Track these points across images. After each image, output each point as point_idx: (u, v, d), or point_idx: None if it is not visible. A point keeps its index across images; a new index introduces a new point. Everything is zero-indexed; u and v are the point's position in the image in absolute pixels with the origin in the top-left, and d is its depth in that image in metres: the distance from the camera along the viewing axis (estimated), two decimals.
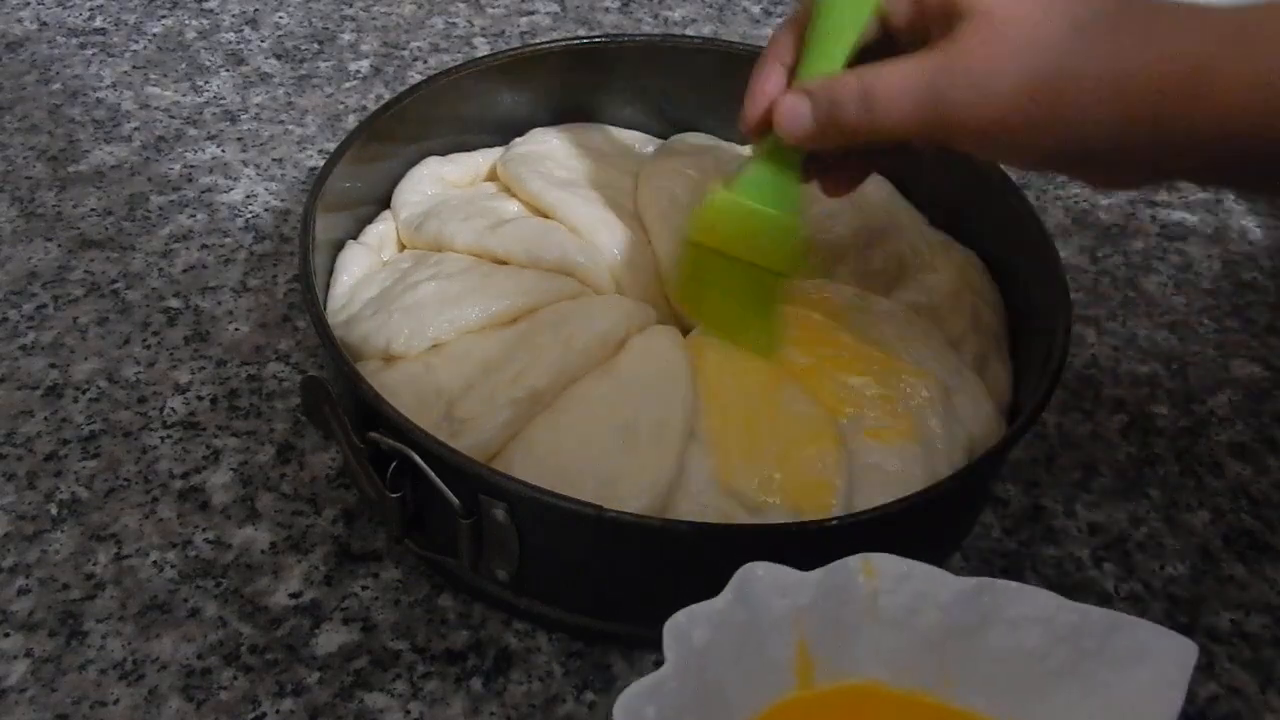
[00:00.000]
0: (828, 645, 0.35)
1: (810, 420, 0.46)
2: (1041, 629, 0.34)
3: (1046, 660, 0.34)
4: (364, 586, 0.47)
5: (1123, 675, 0.33)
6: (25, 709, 0.43)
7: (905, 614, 0.35)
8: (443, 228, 0.54)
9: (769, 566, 0.34)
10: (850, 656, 0.35)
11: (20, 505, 0.49)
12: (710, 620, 0.33)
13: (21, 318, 0.57)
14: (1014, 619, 0.34)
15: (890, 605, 0.35)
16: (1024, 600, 0.34)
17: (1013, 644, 0.35)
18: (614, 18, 0.83)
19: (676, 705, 0.32)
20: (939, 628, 0.35)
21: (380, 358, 0.49)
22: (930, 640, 0.35)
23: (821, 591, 0.34)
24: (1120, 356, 0.60)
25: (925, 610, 0.35)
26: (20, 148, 0.67)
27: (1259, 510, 0.54)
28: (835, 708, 0.35)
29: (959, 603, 0.35)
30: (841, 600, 0.35)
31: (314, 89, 0.74)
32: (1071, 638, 0.34)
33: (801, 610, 0.34)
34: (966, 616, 0.35)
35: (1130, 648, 0.34)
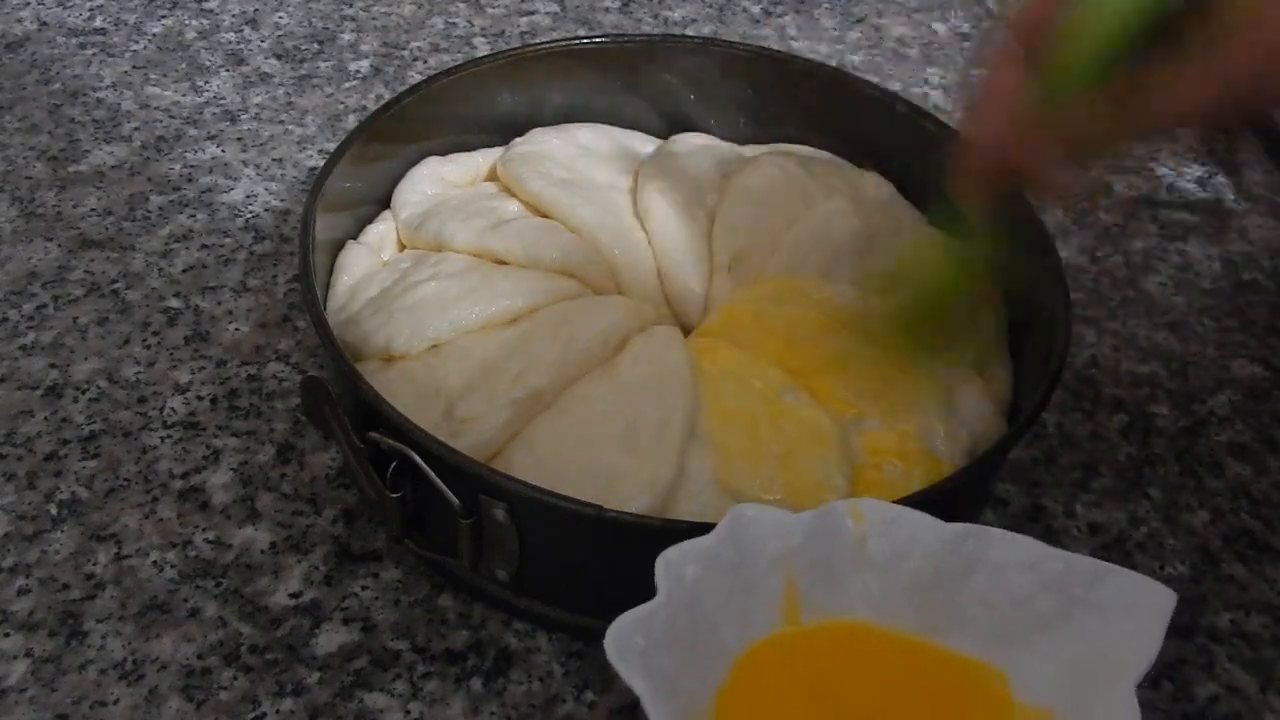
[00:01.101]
0: (816, 586, 0.35)
1: (811, 420, 0.46)
2: (1027, 575, 0.35)
3: (1031, 606, 0.35)
4: (364, 586, 0.47)
5: (1105, 621, 0.34)
6: (25, 709, 0.43)
7: (893, 558, 0.35)
8: (443, 228, 0.54)
9: (759, 508, 0.35)
10: (838, 598, 0.36)
11: (20, 505, 0.49)
12: (701, 557, 0.34)
13: (21, 318, 0.57)
14: (1000, 564, 0.35)
15: (878, 549, 0.35)
16: (1010, 547, 0.35)
17: (998, 589, 0.35)
18: (614, 18, 0.83)
19: (666, 636, 0.32)
20: (926, 571, 0.35)
21: (380, 358, 0.49)
22: (917, 584, 0.35)
23: (810, 534, 0.35)
24: (1120, 356, 0.60)
25: (912, 554, 0.35)
26: (20, 148, 0.67)
27: (1259, 510, 0.54)
28: (822, 644, 0.35)
29: (946, 548, 0.35)
30: (830, 543, 0.35)
31: (314, 89, 0.74)
32: (1056, 584, 0.35)
33: (791, 551, 0.35)
34: (953, 561, 0.35)
35: (1112, 595, 0.34)
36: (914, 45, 0.83)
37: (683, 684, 0.32)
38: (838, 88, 0.61)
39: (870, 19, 0.85)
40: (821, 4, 0.86)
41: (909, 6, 0.87)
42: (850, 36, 0.83)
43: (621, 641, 0.31)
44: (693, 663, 0.33)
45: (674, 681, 0.32)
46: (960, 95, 0.40)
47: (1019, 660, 0.35)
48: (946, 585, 0.35)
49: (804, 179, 0.57)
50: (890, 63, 0.81)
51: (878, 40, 0.83)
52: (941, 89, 0.79)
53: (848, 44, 0.83)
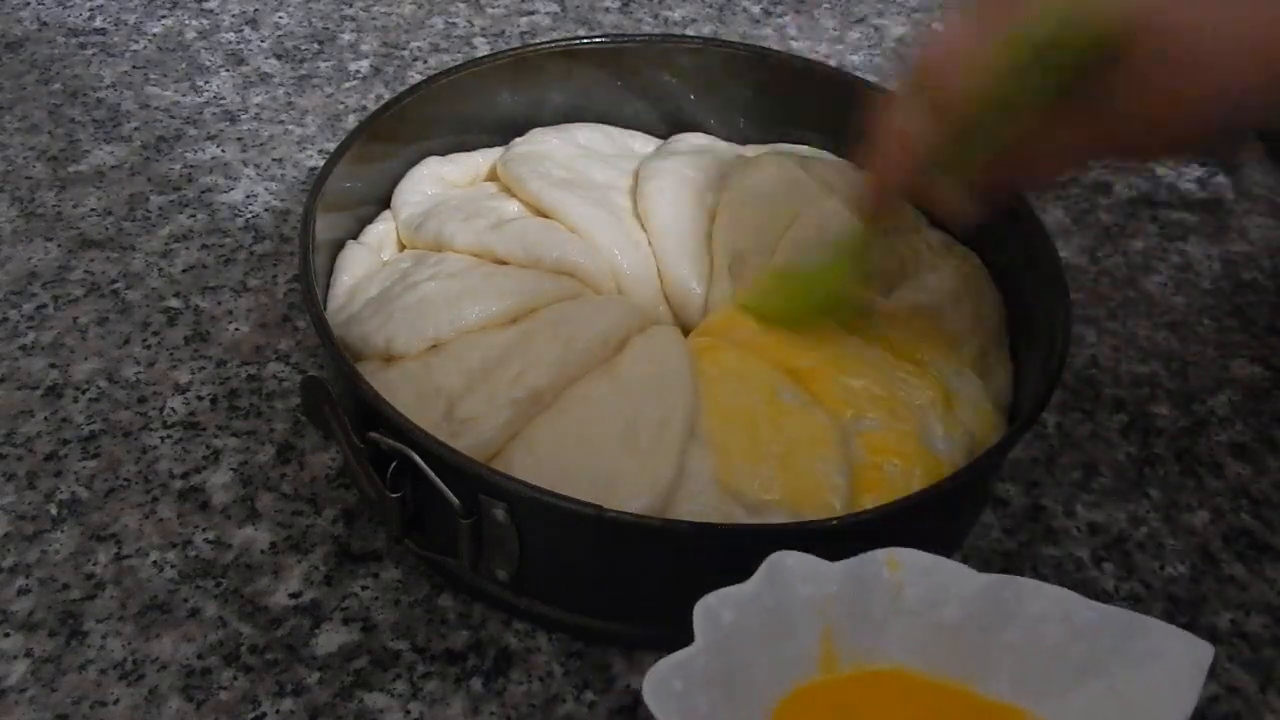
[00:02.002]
0: (853, 633, 0.35)
1: (811, 420, 0.46)
2: (1061, 626, 0.35)
3: (1065, 656, 0.35)
4: (364, 586, 0.47)
5: (1140, 674, 0.34)
6: (25, 709, 0.43)
7: (928, 606, 0.36)
8: (443, 228, 0.54)
9: (797, 555, 0.35)
10: (874, 645, 0.36)
11: (20, 505, 0.49)
12: (739, 603, 0.34)
13: (21, 318, 0.57)
14: (1035, 615, 0.35)
15: (914, 597, 0.36)
16: (1045, 598, 0.35)
17: (1033, 639, 0.35)
18: (614, 18, 0.83)
19: (703, 681, 0.32)
20: (961, 620, 0.35)
21: (380, 358, 0.49)
22: (952, 631, 0.36)
23: (847, 581, 0.35)
24: (1120, 356, 0.60)
25: (948, 603, 0.35)
26: (20, 148, 0.67)
27: (1259, 510, 0.54)
28: (860, 690, 0.36)
29: (981, 597, 0.35)
30: (866, 590, 0.35)
31: (314, 89, 0.74)
32: (1090, 636, 0.35)
33: (828, 598, 0.35)
34: (988, 611, 0.35)
35: (1148, 648, 0.34)
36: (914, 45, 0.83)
37: None
38: (837, 88, 0.61)
39: (870, 19, 0.86)
40: (821, 4, 0.86)
41: (909, 7, 0.87)
42: (850, 36, 0.83)
43: (659, 686, 0.31)
44: (730, 707, 0.33)
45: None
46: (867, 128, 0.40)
47: (1054, 709, 0.35)
48: (981, 633, 0.35)
49: (804, 179, 0.57)
50: (890, 63, 0.81)
51: (878, 40, 0.83)
52: None
53: (848, 44, 0.83)
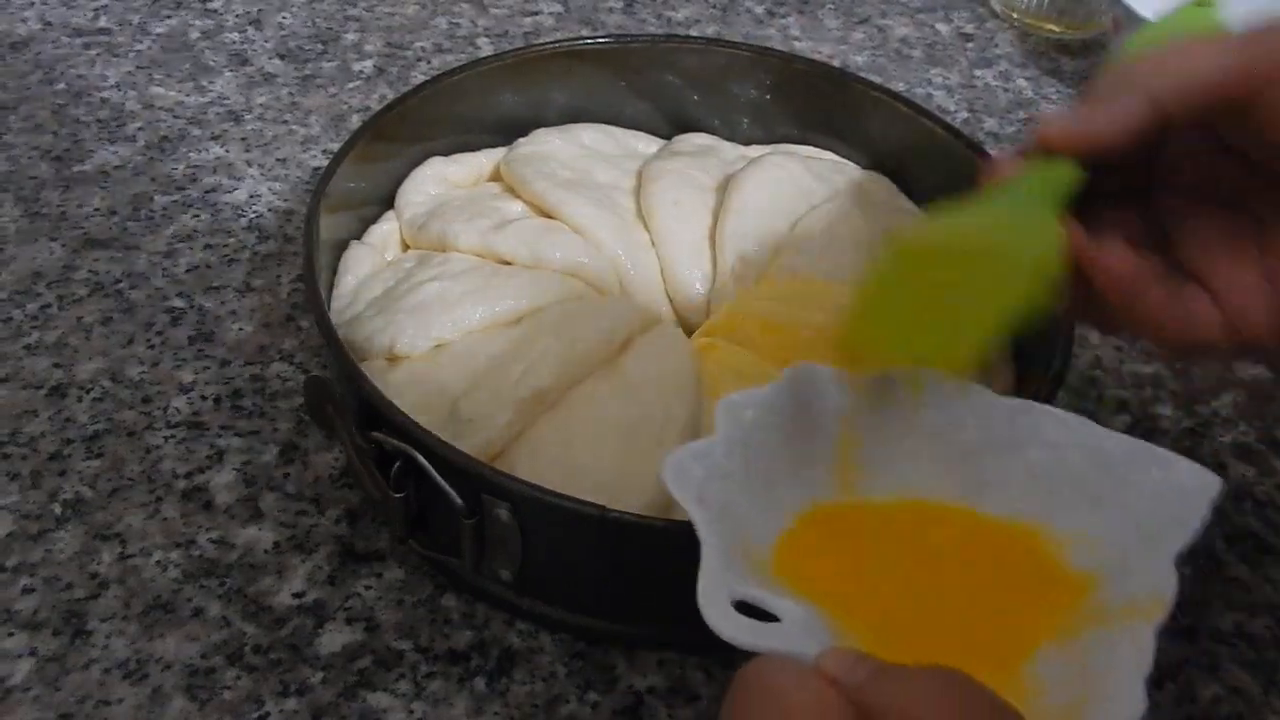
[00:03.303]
0: (869, 449, 0.36)
1: None
2: (1079, 452, 0.35)
3: (1081, 479, 0.35)
4: (367, 586, 0.47)
5: (1151, 499, 0.35)
6: (29, 708, 0.43)
7: (946, 427, 0.36)
8: (446, 228, 0.54)
9: (819, 366, 0.35)
10: (890, 462, 0.36)
11: (24, 505, 0.49)
12: (760, 403, 0.34)
13: (26, 317, 0.57)
14: (1053, 441, 0.36)
15: (933, 417, 0.36)
16: (1064, 425, 0.36)
17: (1050, 463, 0.36)
18: (617, 18, 0.83)
19: (723, 472, 0.33)
20: (978, 441, 0.36)
21: (384, 358, 0.49)
22: (968, 453, 0.36)
23: (867, 394, 0.36)
24: (1124, 357, 0.60)
25: (966, 424, 0.36)
26: (24, 147, 0.67)
27: (1263, 512, 0.53)
28: (880, 512, 0.36)
29: (1000, 420, 0.36)
30: (885, 406, 0.36)
31: (318, 89, 0.74)
32: (1105, 461, 0.35)
33: (846, 409, 0.36)
34: (1006, 434, 0.36)
35: (1161, 476, 0.35)
36: (917, 46, 0.83)
37: (738, 519, 0.33)
38: (841, 88, 0.61)
39: (874, 20, 0.85)
40: (825, 5, 0.86)
41: (912, 7, 0.87)
42: (854, 37, 0.83)
43: (679, 469, 0.32)
44: (749, 503, 0.33)
45: (729, 514, 0.32)
46: None
47: (1066, 528, 0.35)
48: (998, 455, 0.36)
49: (807, 179, 0.57)
50: (893, 63, 0.81)
51: (881, 41, 0.83)
52: (945, 89, 0.79)
53: (851, 44, 0.83)
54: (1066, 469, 0.35)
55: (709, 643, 0.45)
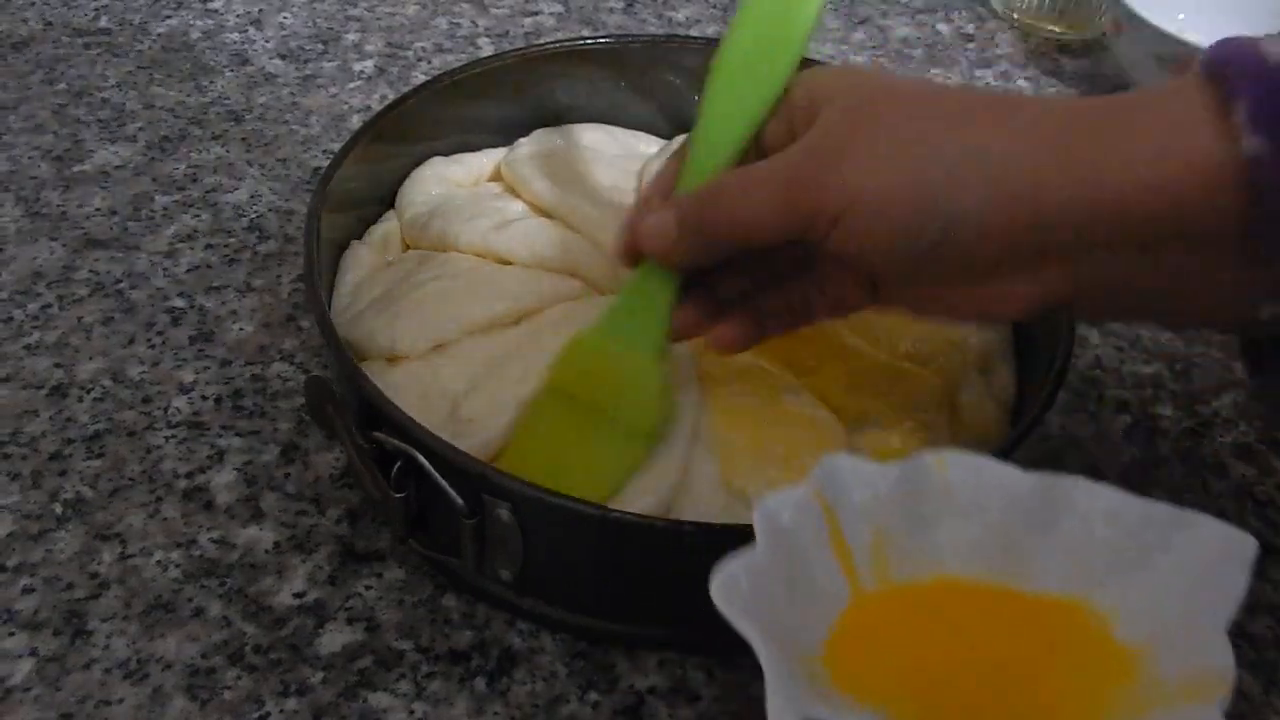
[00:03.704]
0: (903, 534, 0.36)
1: (815, 421, 0.46)
2: (1111, 521, 0.35)
3: (1115, 550, 0.35)
4: (368, 586, 0.47)
5: (1189, 565, 0.34)
6: (30, 708, 0.43)
7: (978, 506, 0.36)
8: (447, 228, 0.54)
9: (849, 458, 0.35)
10: (923, 547, 0.36)
11: (25, 505, 0.49)
12: (796, 504, 0.34)
13: (26, 317, 0.57)
14: (1084, 512, 0.35)
15: (963, 497, 0.36)
16: (1094, 494, 0.35)
17: (1083, 535, 0.35)
18: (618, 18, 0.83)
19: (768, 581, 0.32)
20: (1011, 518, 0.36)
21: (384, 358, 0.49)
22: (1003, 530, 0.36)
23: (898, 483, 0.35)
24: (1124, 357, 0.60)
25: (998, 502, 0.36)
26: (25, 147, 0.68)
27: (1263, 512, 0.53)
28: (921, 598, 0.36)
29: (1031, 495, 0.36)
30: (916, 492, 0.36)
31: (318, 89, 0.74)
32: (1138, 529, 0.35)
33: (878, 500, 0.35)
34: (1038, 508, 0.36)
35: (1194, 541, 0.34)
36: (918, 46, 0.83)
37: (788, 629, 0.33)
38: None
39: (874, 20, 0.85)
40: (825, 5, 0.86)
41: (913, 7, 0.87)
42: (854, 37, 0.83)
43: (728, 584, 0.31)
44: (795, 609, 0.33)
45: (779, 624, 0.32)
46: None
47: (1107, 600, 0.35)
48: (1031, 531, 0.36)
49: None
50: (894, 63, 0.81)
51: (882, 41, 0.83)
52: None
53: (852, 45, 0.83)
54: (1101, 539, 0.35)
55: (710, 643, 0.46)
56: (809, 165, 0.38)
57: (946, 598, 0.36)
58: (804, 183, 0.38)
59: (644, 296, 0.44)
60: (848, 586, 0.35)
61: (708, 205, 0.40)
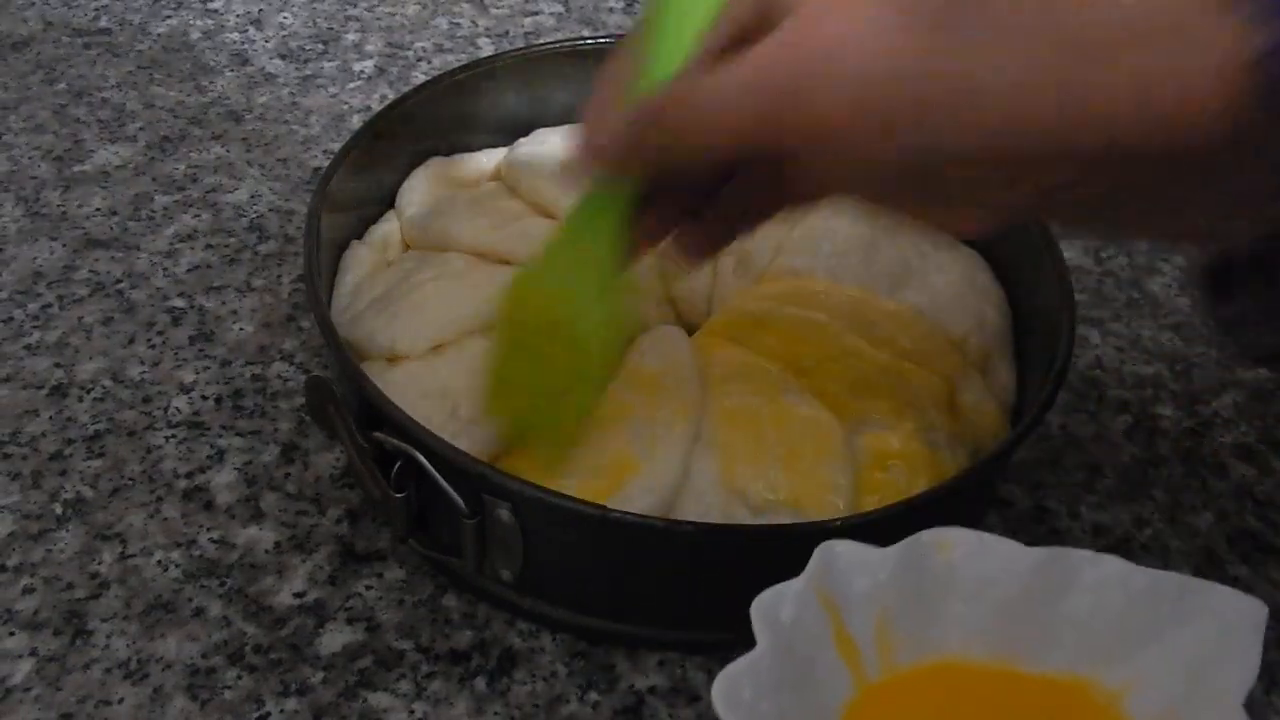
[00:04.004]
0: (907, 619, 0.35)
1: (815, 421, 0.46)
2: (1117, 594, 0.35)
3: (1124, 624, 0.35)
4: (368, 586, 0.47)
5: (1199, 636, 0.34)
6: (30, 708, 0.43)
7: (982, 585, 0.35)
8: (447, 228, 0.54)
9: (847, 544, 0.35)
10: (928, 631, 0.35)
11: (25, 505, 0.49)
12: (794, 599, 0.33)
13: (26, 317, 0.57)
14: (1090, 585, 0.35)
15: (966, 577, 0.35)
16: (1098, 567, 0.35)
17: (1090, 610, 0.35)
18: (618, 18, 0.83)
19: (771, 684, 0.32)
20: (1016, 598, 0.35)
21: (385, 358, 0.49)
22: (1008, 609, 0.35)
23: (899, 567, 0.35)
24: (1124, 358, 0.60)
25: (1000, 580, 0.35)
26: (25, 147, 0.68)
27: (1263, 512, 0.53)
28: (928, 684, 0.35)
29: (1035, 571, 0.35)
30: (919, 575, 0.35)
31: (318, 89, 0.74)
32: (1146, 601, 0.34)
33: (880, 586, 0.35)
34: (1041, 585, 0.35)
35: (1202, 609, 0.34)
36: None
37: None
38: None
39: None
40: None
41: None
42: None
43: (730, 693, 0.31)
44: (801, 710, 0.33)
45: None
46: None
47: (1117, 676, 0.35)
48: (1038, 608, 0.35)
49: None
50: None
51: None
52: None
53: None
54: (1107, 614, 0.35)
55: (710, 643, 0.46)
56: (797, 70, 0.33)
57: (952, 683, 0.35)
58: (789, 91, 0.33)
59: (586, 223, 0.40)
60: (851, 679, 0.34)
61: (666, 112, 0.35)
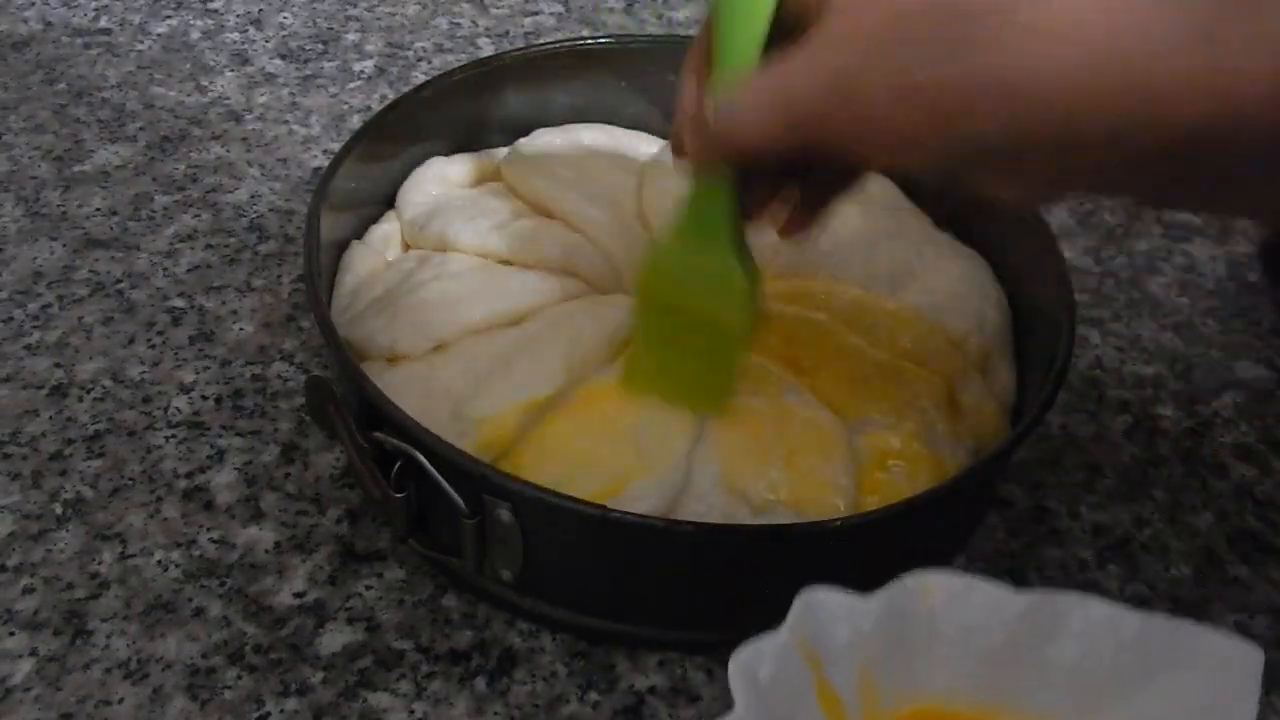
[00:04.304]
0: (890, 668, 0.34)
1: (815, 421, 0.46)
2: (1106, 640, 0.34)
3: (1114, 670, 0.34)
4: (368, 586, 0.47)
5: (1192, 681, 0.33)
6: (30, 708, 0.43)
7: (966, 632, 0.34)
8: (447, 228, 0.54)
9: (829, 592, 0.33)
10: (913, 679, 0.34)
11: (25, 504, 0.49)
12: (775, 654, 0.32)
13: (27, 317, 0.57)
14: (1078, 630, 0.34)
15: (951, 624, 0.34)
16: (1086, 611, 0.34)
17: (1079, 655, 0.34)
18: (618, 18, 0.83)
19: None
20: (1002, 643, 0.34)
21: (385, 358, 0.49)
22: (994, 656, 0.34)
23: (882, 615, 0.34)
24: (1124, 358, 0.60)
25: (985, 626, 0.34)
26: (25, 147, 0.68)
27: (1263, 512, 0.53)
28: None
29: (1021, 616, 0.34)
30: (902, 623, 0.34)
31: (318, 89, 0.74)
32: (1137, 646, 0.33)
33: (863, 636, 0.34)
34: (1028, 630, 0.34)
35: (1195, 653, 0.33)
36: None
37: None
38: None
39: None
40: None
41: None
42: None
43: None
44: None
45: None
46: None
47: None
48: (1025, 654, 0.34)
49: None
50: None
51: None
52: None
53: None
54: (1098, 660, 0.33)
55: (710, 643, 0.46)
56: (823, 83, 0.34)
57: None
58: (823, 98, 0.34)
59: (704, 199, 0.43)
60: None
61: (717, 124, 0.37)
